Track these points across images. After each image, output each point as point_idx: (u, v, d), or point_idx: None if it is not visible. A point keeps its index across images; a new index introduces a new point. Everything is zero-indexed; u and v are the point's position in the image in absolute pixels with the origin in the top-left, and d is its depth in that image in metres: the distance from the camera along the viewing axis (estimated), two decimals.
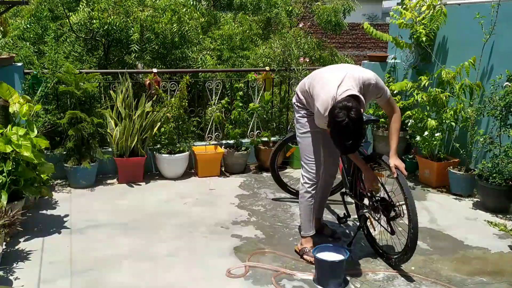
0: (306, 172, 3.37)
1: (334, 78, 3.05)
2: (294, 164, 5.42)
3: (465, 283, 3.12)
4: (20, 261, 3.27)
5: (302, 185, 3.40)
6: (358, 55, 16.65)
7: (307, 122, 3.34)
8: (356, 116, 2.81)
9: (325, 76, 3.16)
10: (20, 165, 3.57)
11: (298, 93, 3.40)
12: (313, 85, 3.17)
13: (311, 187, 3.37)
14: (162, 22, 6.34)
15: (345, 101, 2.86)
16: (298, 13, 9.40)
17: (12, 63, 4.72)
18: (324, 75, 3.18)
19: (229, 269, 3.20)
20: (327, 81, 3.07)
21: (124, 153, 4.89)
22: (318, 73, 3.27)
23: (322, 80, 3.13)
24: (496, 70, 4.57)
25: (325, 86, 3.04)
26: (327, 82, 3.06)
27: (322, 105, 2.99)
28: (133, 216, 4.10)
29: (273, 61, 5.87)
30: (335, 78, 3.04)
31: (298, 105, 3.39)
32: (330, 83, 3.02)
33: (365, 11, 23.48)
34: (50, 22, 6.38)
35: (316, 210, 3.49)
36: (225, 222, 4.01)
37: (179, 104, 5.11)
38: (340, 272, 3.04)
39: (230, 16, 8.39)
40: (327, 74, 3.18)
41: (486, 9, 4.55)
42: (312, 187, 3.37)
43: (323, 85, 3.07)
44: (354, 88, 2.99)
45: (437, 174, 4.90)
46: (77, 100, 4.77)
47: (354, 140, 2.88)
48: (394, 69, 5.81)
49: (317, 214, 3.65)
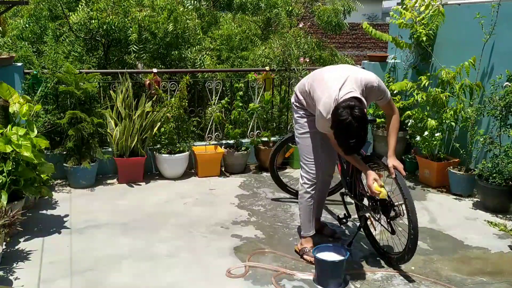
0: (305, 173, 3.37)
1: (335, 80, 3.02)
2: (294, 165, 5.42)
3: (465, 283, 3.12)
4: (20, 261, 3.27)
5: (302, 185, 3.40)
6: (358, 55, 16.66)
7: (306, 123, 3.33)
8: (360, 114, 2.80)
9: (326, 77, 3.13)
10: (20, 165, 3.57)
11: (297, 93, 3.39)
12: (314, 87, 3.15)
13: (311, 187, 3.37)
14: (159, 22, 6.34)
15: (348, 101, 2.86)
16: (298, 13, 9.39)
17: (12, 63, 4.72)
18: (325, 76, 3.15)
19: (229, 269, 3.20)
20: (328, 84, 3.04)
21: (124, 153, 4.89)
22: (318, 74, 3.24)
23: (323, 82, 3.09)
24: (496, 70, 4.57)
25: (326, 89, 3.01)
26: (328, 84, 3.03)
27: (324, 108, 2.97)
28: (133, 216, 4.10)
29: (272, 61, 5.87)
30: (337, 80, 3.02)
31: (297, 105, 3.39)
32: (331, 86, 3.00)
33: (365, 11, 23.48)
34: (49, 22, 6.38)
35: (315, 210, 3.49)
36: (225, 222, 4.01)
37: (179, 104, 5.11)
38: (340, 272, 3.04)
39: (229, 16, 8.39)
40: (328, 75, 3.15)
41: (486, 9, 4.55)
42: (312, 188, 3.37)
43: (325, 88, 3.04)
44: (356, 90, 2.96)
45: (437, 174, 4.90)
46: (77, 100, 4.77)
47: (358, 138, 2.85)
48: (394, 69, 5.81)
49: (316, 214, 3.65)
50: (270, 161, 4.47)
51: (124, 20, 6.19)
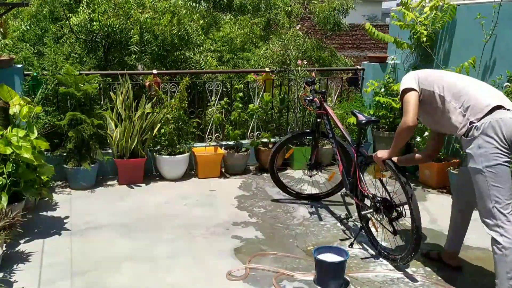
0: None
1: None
2: (294, 165, 5.42)
3: (466, 284, 3.12)
4: (20, 263, 3.26)
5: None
6: (358, 55, 16.64)
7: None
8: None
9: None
10: (20, 167, 3.57)
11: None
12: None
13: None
14: (161, 24, 6.35)
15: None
16: (297, 14, 9.40)
17: (12, 65, 4.72)
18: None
19: (229, 271, 3.19)
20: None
21: (124, 154, 4.89)
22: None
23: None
24: (497, 71, 4.56)
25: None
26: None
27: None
28: (133, 218, 4.09)
29: (272, 62, 5.87)
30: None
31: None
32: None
33: (365, 12, 23.52)
34: (50, 23, 6.39)
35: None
36: (226, 223, 4.00)
37: (179, 105, 5.11)
38: (340, 273, 3.04)
39: (229, 17, 8.39)
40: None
41: (487, 9, 4.55)
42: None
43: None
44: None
45: (438, 175, 4.90)
46: (77, 101, 4.77)
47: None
48: (394, 69, 5.80)
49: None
50: (270, 162, 4.47)
51: (126, 22, 6.19)
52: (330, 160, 5.52)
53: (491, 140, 2.68)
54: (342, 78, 6.40)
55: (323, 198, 4.53)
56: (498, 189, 2.65)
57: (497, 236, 2.65)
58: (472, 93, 2.84)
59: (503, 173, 2.66)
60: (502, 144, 2.67)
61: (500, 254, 2.63)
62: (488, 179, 2.66)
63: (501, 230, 2.64)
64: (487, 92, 2.88)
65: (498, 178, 2.66)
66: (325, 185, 4.73)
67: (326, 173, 4.94)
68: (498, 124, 2.67)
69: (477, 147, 2.71)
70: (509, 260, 2.61)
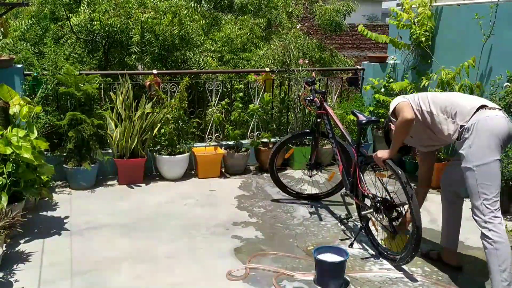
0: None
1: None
2: (294, 165, 5.42)
3: (466, 284, 3.12)
4: (20, 263, 3.27)
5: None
6: (358, 55, 16.64)
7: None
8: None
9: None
10: (20, 167, 3.57)
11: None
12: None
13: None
14: (162, 24, 6.34)
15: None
16: (298, 15, 9.41)
17: (12, 65, 4.72)
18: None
19: (229, 271, 3.20)
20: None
21: (124, 154, 4.89)
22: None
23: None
24: (496, 71, 4.56)
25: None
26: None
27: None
28: (133, 218, 4.10)
29: (273, 62, 5.86)
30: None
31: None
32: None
33: (365, 12, 23.53)
34: (50, 23, 6.39)
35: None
36: (226, 223, 4.00)
37: (179, 105, 5.11)
38: (340, 273, 3.04)
39: (229, 17, 8.39)
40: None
41: (485, 9, 4.55)
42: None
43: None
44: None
45: (437, 175, 4.87)
46: (77, 101, 4.77)
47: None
48: (394, 69, 5.80)
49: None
50: (270, 162, 4.46)
51: (127, 22, 6.19)
52: (330, 160, 5.53)
53: (481, 139, 2.79)
54: (342, 78, 6.41)
55: (323, 198, 4.54)
56: (487, 186, 2.76)
57: (487, 232, 2.77)
58: (455, 101, 3.00)
59: (492, 171, 2.77)
60: (490, 141, 2.77)
61: (491, 248, 2.74)
62: (478, 177, 2.77)
63: (490, 226, 2.76)
64: (467, 98, 3.07)
65: (487, 175, 2.77)
66: (325, 185, 4.74)
67: (326, 173, 4.94)
68: (486, 122, 2.81)
69: (468, 147, 2.83)
70: (499, 254, 2.71)
